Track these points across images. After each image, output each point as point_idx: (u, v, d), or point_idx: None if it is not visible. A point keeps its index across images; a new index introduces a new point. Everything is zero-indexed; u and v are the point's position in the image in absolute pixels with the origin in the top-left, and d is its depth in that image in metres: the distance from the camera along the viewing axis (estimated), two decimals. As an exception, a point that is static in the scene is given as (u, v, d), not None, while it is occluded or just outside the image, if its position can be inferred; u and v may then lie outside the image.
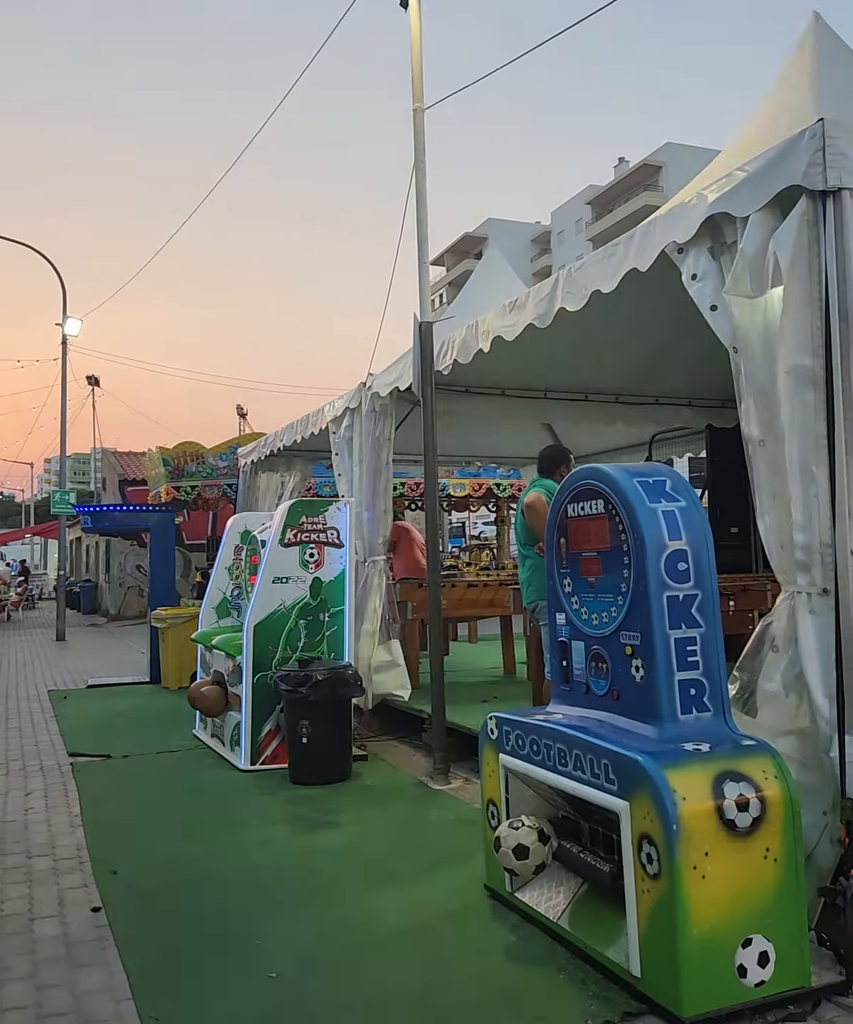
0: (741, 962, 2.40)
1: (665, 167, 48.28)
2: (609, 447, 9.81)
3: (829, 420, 2.84)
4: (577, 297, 4.12)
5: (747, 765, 2.55)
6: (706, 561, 2.83)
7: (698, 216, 3.25)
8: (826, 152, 2.82)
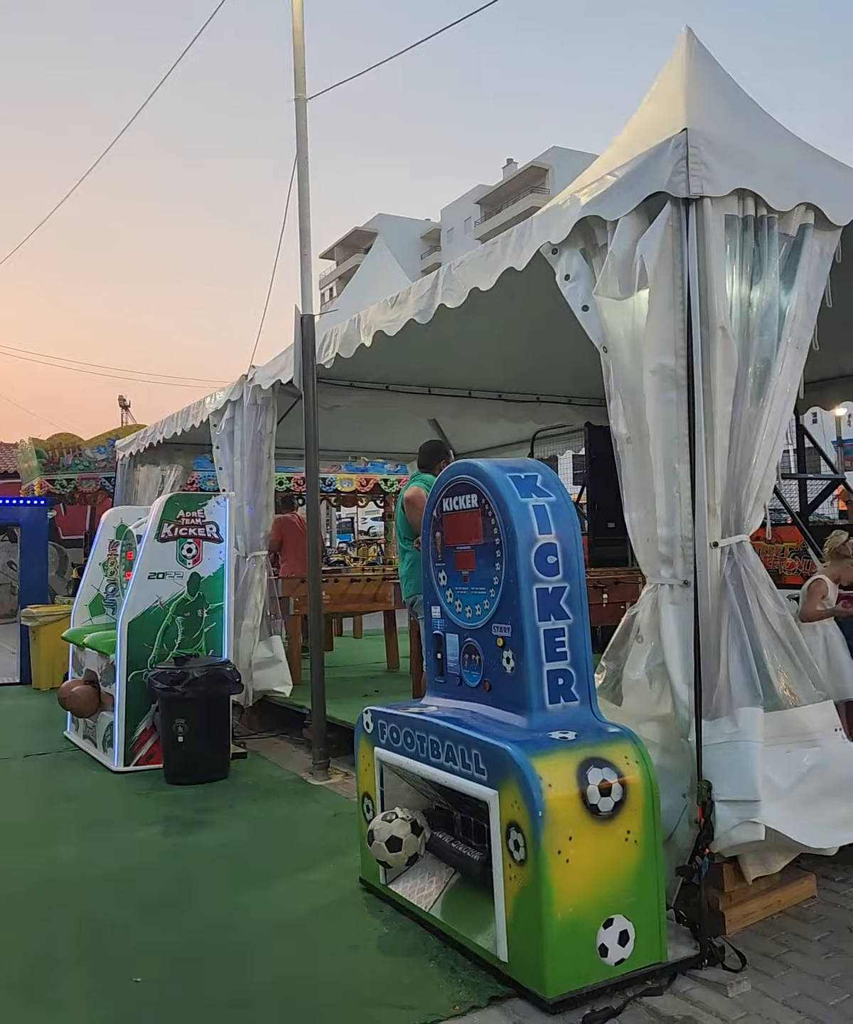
0: (602, 942, 2.49)
1: (552, 170, 49.29)
2: (494, 443, 9.97)
3: (690, 419, 2.96)
4: (457, 294, 4.16)
5: (610, 751, 2.63)
6: (574, 554, 2.90)
7: (571, 218, 3.33)
8: (689, 161, 2.93)
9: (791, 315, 3.18)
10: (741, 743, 2.80)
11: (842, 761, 2.92)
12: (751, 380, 3.11)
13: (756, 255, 3.11)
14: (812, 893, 3.08)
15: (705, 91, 4.38)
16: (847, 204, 3.29)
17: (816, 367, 7.09)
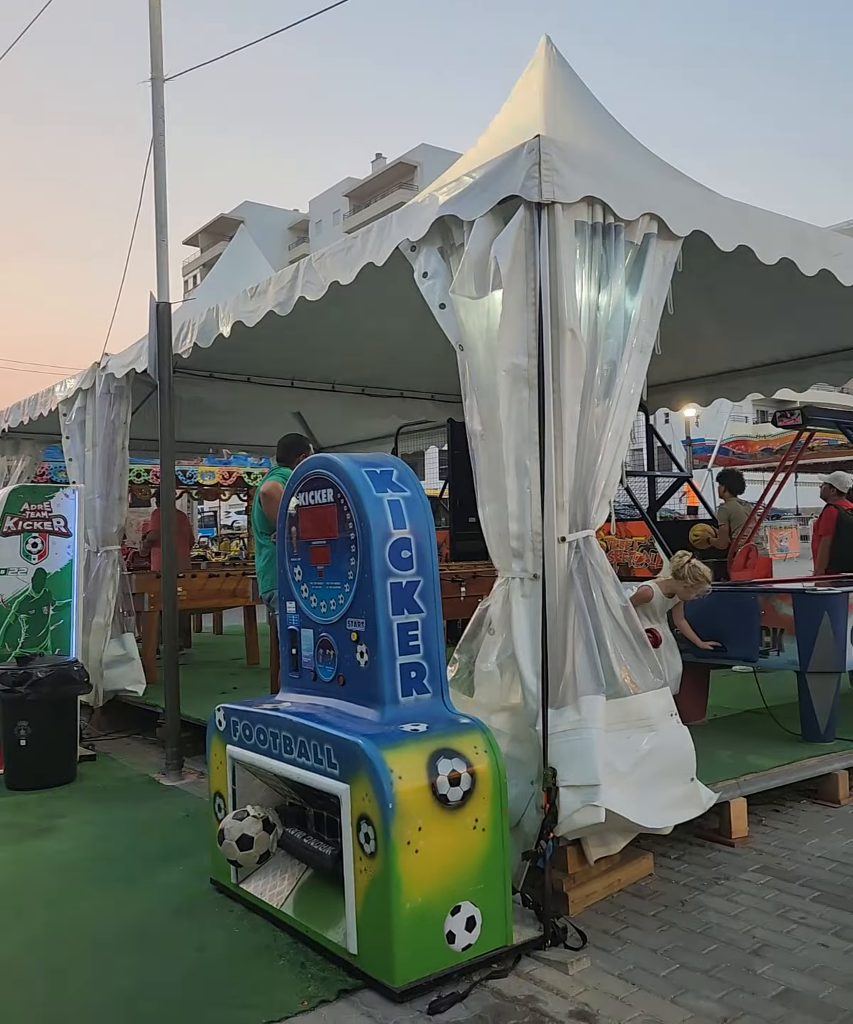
0: (450, 929, 2.54)
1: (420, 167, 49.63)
2: (359, 438, 9.97)
3: (540, 417, 3.05)
4: (317, 287, 4.14)
5: (460, 742, 2.68)
6: (428, 549, 2.94)
7: (429, 216, 3.37)
8: (542, 167, 3.01)
9: (636, 320, 3.32)
10: (585, 730, 2.91)
11: (677, 744, 3.09)
12: (598, 381, 3.23)
13: (604, 261, 3.23)
14: (649, 871, 3.24)
15: (561, 99, 4.51)
16: (688, 216, 3.45)
17: (664, 370, 7.45)
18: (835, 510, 6.33)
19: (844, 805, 3.91)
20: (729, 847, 3.49)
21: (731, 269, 4.17)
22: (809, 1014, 2.32)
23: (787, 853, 3.41)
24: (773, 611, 4.26)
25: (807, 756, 3.98)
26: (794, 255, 3.86)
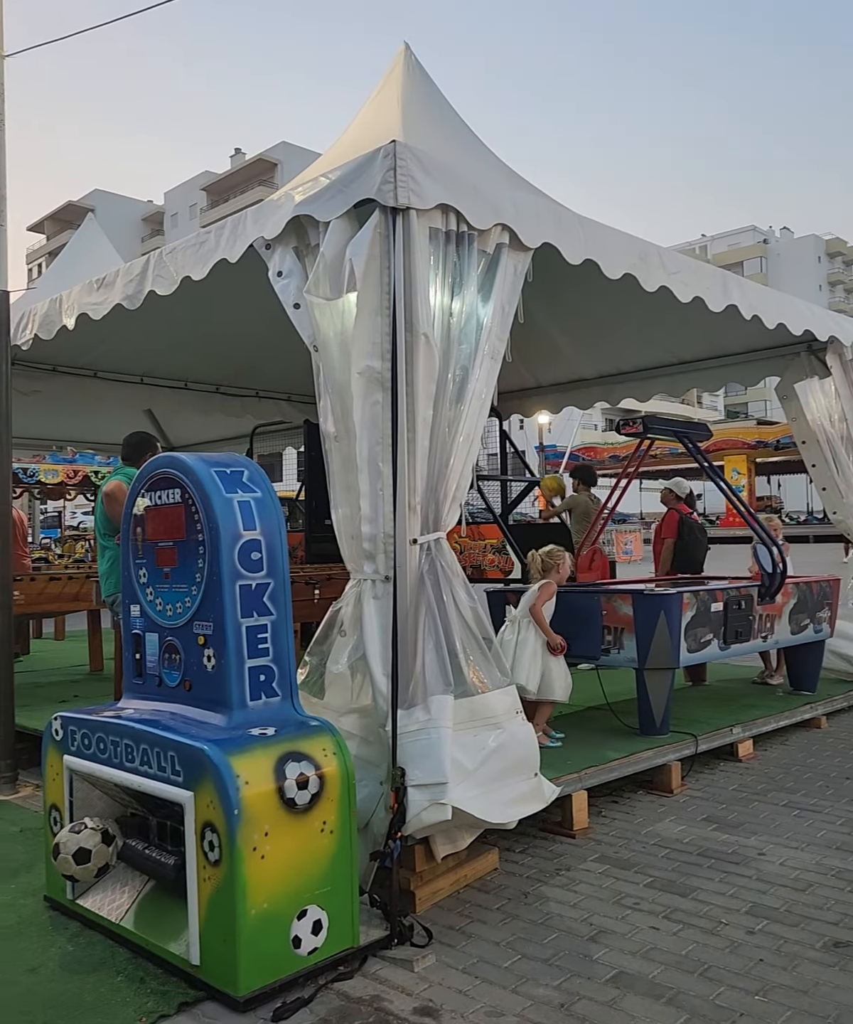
0: (296, 933, 2.51)
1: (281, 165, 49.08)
2: (214, 437, 9.74)
3: (394, 420, 3.08)
4: (168, 282, 4.03)
5: (309, 745, 2.66)
6: (279, 550, 2.91)
7: (285, 215, 3.34)
8: (397, 172, 3.04)
9: (488, 327, 3.40)
10: (433, 729, 2.95)
11: (521, 741, 3.18)
12: (451, 386, 3.29)
13: (457, 268, 3.29)
14: (495, 866, 3.31)
15: (419, 107, 4.57)
16: (539, 229, 3.57)
17: (518, 378, 7.68)
18: (677, 514, 6.67)
19: (676, 794, 4.12)
20: (571, 839, 3.62)
21: (580, 283, 4.34)
22: (640, 994, 2.43)
23: (624, 842, 3.57)
24: (614, 611, 4.45)
25: (644, 749, 4.18)
26: (637, 271, 4.06)
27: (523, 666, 4.11)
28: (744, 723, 4.77)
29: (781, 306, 5.18)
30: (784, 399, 6.20)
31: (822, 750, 4.78)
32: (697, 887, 3.12)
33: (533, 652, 4.16)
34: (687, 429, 5.41)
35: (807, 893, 3.03)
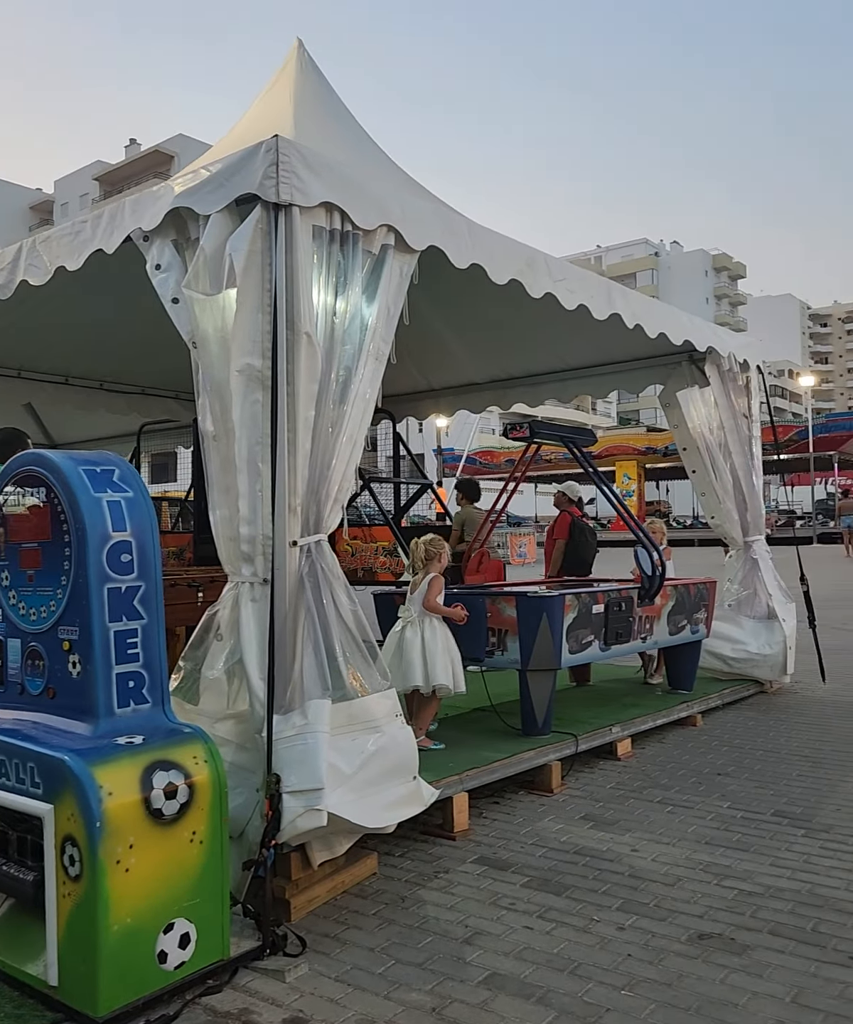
0: (162, 948, 2.43)
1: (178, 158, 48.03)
2: (100, 435, 9.40)
3: (274, 420, 3.02)
4: (41, 272, 3.86)
5: (179, 753, 2.58)
6: (151, 552, 2.81)
7: (164, 207, 3.24)
8: (279, 168, 2.99)
9: (372, 328, 3.38)
10: (309, 735, 2.90)
11: (401, 744, 3.17)
12: (334, 386, 3.25)
13: (342, 268, 3.26)
14: (373, 870, 3.29)
15: (309, 104, 4.53)
16: (425, 231, 3.57)
17: (411, 381, 7.70)
18: (568, 516, 6.80)
19: (557, 794, 4.19)
20: (451, 841, 3.62)
21: (473, 287, 4.36)
22: (511, 995, 2.45)
23: (503, 843, 3.60)
24: (498, 613, 4.50)
25: (525, 749, 4.23)
26: (523, 277, 4.11)
27: (433, 662, 4.12)
28: (623, 722, 4.88)
29: (663, 316, 5.34)
30: (666, 407, 6.40)
31: (697, 747, 4.94)
32: (572, 885, 3.16)
33: (440, 647, 4.17)
34: (572, 434, 5.52)
35: (676, 888, 3.12)
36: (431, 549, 4.42)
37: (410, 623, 4.25)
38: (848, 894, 3.02)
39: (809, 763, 4.56)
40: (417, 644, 4.17)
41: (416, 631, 4.22)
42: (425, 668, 4.13)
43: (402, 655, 4.16)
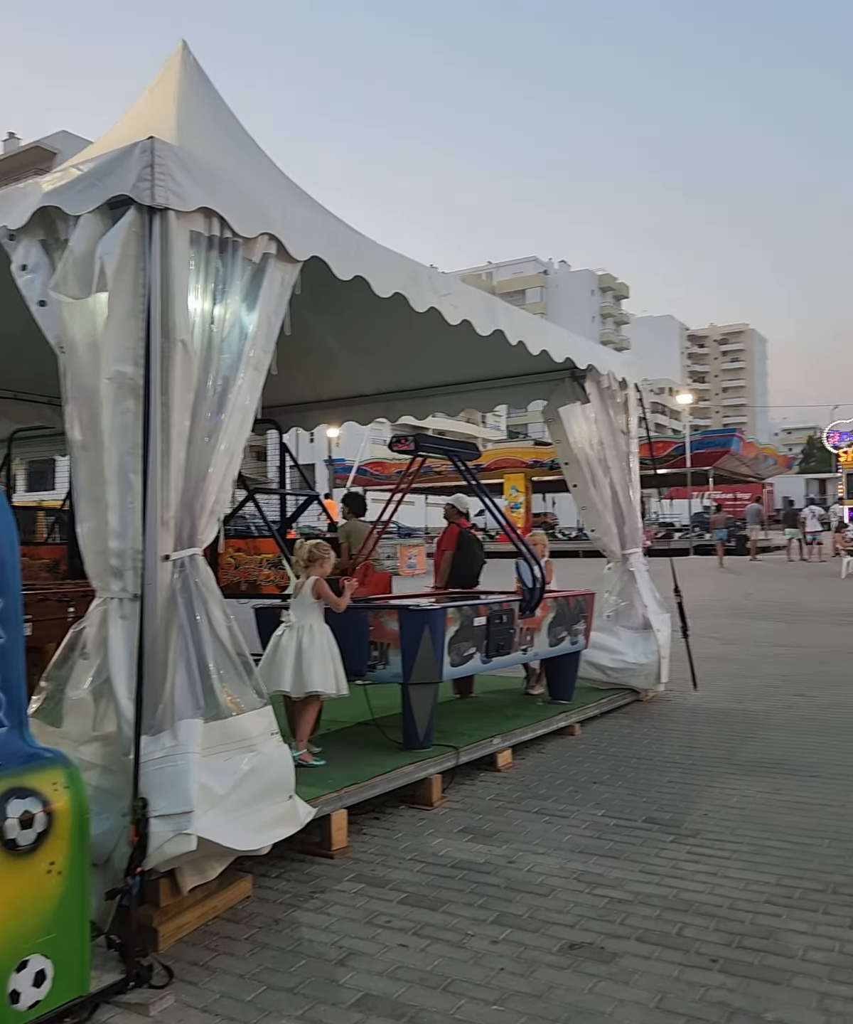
0: (14, 987, 2.29)
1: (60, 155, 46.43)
2: (-34, 441, 8.94)
3: (146, 430, 2.92)
4: None
5: (36, 779, 2.45)
6: (10, 567, 2.66)
7: (31, 205, 3.11)
8: (155, 170, 2.91)
9: (252, 337, 3.32)
10: (180, 756, 2.81)
11: (276, 763, 3.10)
12: (211, 395, 3.17)
13: (220, 275, 3.19)
14: (247, 893, 3.20)
15: (192, 107, 4.44)
16: (308, 241, 3.53)
17: (298, 391, 7.62)
18: (457, 528, 6.85)
19: (437, 807, 4.19)
20: (329, 859, 3.57)
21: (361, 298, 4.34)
22: (383, 1015, 2.41)
23: (381, 859, 3.57)
24: (381, 627, 4.48)
25: (406, 763, 4.22)
26: (407, 291, 4.12)
27: (309, 667, 4.11)
28: (504, 734, 4.93)
29: (545, 334, 5.45)
30: (550, 422, 6.54)
31: (574, 756, 5.04)
32: (448, 900, 3.16)
33: (318, 652, 4.16)
34: (457, 448, 5.57)
35: (549, 898, 3.15)
36: (315, 552, 4.38)
37: (289, 628, 4.21)
38: (711, 897, 3.12)
39: (679, 769, 4.70)
40: (292, 648, 4.16)
41: (292, 636, 4.19)
42: (296, 673, 4.12)
43: (274, 659, 4.13)
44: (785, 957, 2.68)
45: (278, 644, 4.19)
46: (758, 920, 2.93)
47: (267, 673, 4.09)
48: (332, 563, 4.46)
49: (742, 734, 5.44)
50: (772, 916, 2.96)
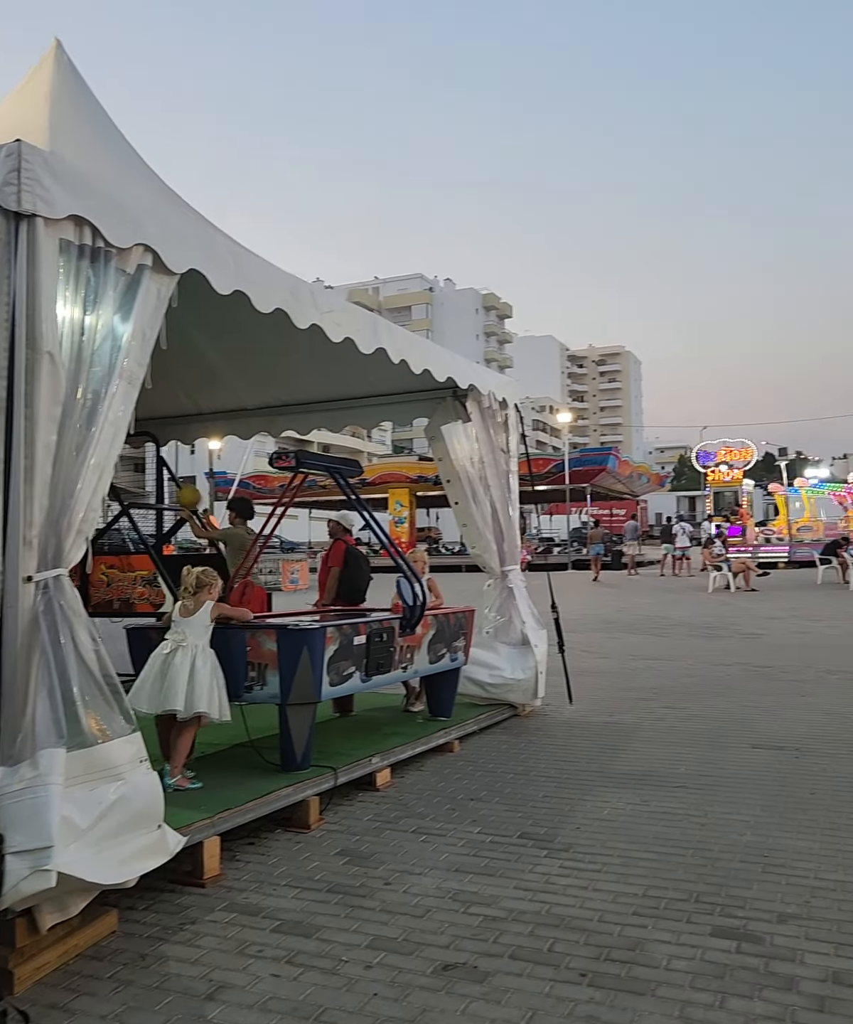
0: None
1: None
2: None
3: (8, 444, 2.79)
4: None
5: None
6: None
7: None
8: (22, 175, 2.80)
9: (125, 350, 3.22)
10: (40, 787, 2.67)
11: (144, 792, 2.99)
12: (80, 410, 3.06)
13: (92, 286, 3.09)
14: (113, 928, 3.07)
15: (66, 110, 4.29)
16: (185, 253, 3.46)
17: (177, 404, 7.44)
18: (343, 544, 6.81)
19: (314, 830, 4.13)
20: (201, 888, 3.46)
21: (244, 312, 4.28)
22: (253, 1051, 2.35)
23: (255, 886, 3.49)
24: (258, 647, 4.40)
25: (283, 786, 4.15)
26: (288, 307, 4.09)
27: (200, 688, 4.06)
28: (383, 752, 4.91)
29: (427, 353, 5.51)
30: (432, 440, 6.60)
31: (453, 773, 5.06)
32: (323, 926, 3.11)
33: (208, 674, 4.12)
34: (338, 465, 5.55)
35: (424, 919, 3.15)
36: (203, 578, 4.32)
37: (183, 647, 4.12)
38: (582, 911, 3.18)
39: (554, 784, 4.79)
40: (186, 668, 4.09)
41: (186, 655, 4.10)
42: (188, 693, 4.05)
43: (164, 677, 4.05)
44: (650, 967, 2.76)
45: (168, 663, 4.09)
46: (625, 932, 3.01)
47: (152, 692, 4.03)
48: (219, 588, 4.40)
49: (614, 747, 5.59)
50: (639, 927, 3.05)
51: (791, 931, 2.99)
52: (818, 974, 2.70)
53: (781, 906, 3.19)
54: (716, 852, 3.73)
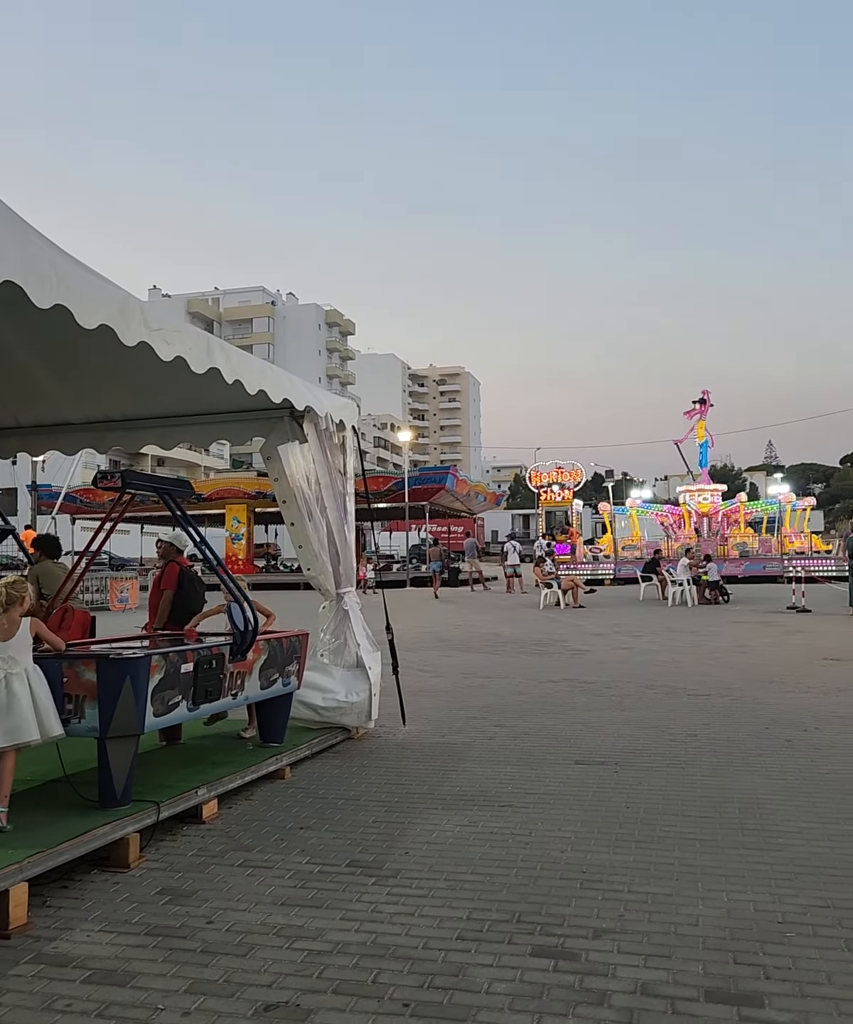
0: None
1: None
2: None
3: None
4: None
5: None
6: None
7: None
8: None
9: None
10: None
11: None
12: None
13: None
14: None
15: None
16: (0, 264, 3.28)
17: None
18: (177, 566, 6.58)
19: (133, 869, 3.94)
20: (5, 940, 3.23)
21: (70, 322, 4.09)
22: None
23: (66, 933, 3.29)
24: (76, 677, 4.18)
25: (101, 824, 3.94)
26: (115, 324, 3.94)
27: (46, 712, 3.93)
28: (210, 783, 4.77)
29: (263, 374, 5.45)
30: (268, 460, 6.51)
31: (283, 802, 4.98)
32: (139, 972, 2.97)
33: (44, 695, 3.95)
34: (169, 486, 5.39)
35: (247, 958, 3.07)
36: (13, 592, 4.05)
37: (16, 675, 3.87)
38: (407, 939, 3.19)
39: (385, 808, 4.80)
40: (27, 695, 3.88)
41: (23, 682, 3.89)
42: (40, 720, 3.88)
43: (11, 709, 3.81)
44: (471, 992, 2.80)
45: (8, 693, 3.83)
46: (449, 957, 3.05)
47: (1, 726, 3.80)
48: (31, 600, 4.15)
49: (445, 768, 5.67)
50: (462, 952, 3.09)
51: (605, 946, 3.11)
52: (628, 987, 2.82)
53: (596, 921, 3.31)
54: (538, 870, 3.84)
